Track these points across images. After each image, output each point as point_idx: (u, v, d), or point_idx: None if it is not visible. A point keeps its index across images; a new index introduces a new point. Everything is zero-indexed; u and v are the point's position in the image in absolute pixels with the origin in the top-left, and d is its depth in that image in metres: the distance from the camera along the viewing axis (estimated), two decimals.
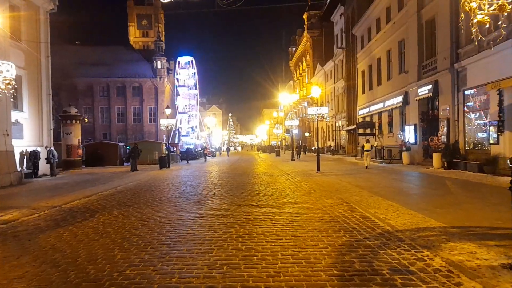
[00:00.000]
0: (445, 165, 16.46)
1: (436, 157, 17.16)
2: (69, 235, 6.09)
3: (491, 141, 14.05)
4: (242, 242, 5.38)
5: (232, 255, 4.75)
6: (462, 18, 5.28)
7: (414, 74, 20.76)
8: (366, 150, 20.74)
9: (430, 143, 17.62)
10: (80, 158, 25.24)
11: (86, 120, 60.38)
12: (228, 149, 62.71)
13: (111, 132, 59.33)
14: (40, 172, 18.71)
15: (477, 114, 15.80)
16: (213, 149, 55.53)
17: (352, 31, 34.68)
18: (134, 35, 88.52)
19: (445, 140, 17.38)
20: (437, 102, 19.20)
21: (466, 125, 16.41)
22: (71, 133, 24.49)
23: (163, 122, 25.82)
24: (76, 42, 61.82)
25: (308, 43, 58.64)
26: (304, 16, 59.35)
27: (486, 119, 14.93)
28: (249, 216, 7.26)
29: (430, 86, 18.73)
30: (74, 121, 24.70)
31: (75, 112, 25.09)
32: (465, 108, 16.44)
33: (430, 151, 19.34)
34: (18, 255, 4.99)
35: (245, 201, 9.33)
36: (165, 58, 62.23)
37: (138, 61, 62.16)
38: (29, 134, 18.85)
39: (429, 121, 20.04)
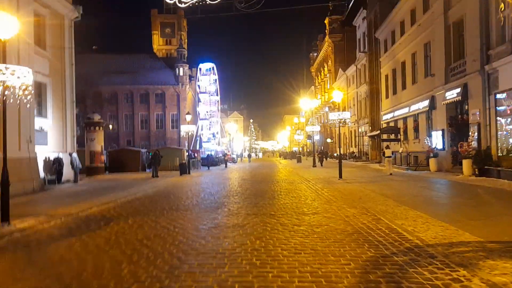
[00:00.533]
0: (476, 172, 15.56)
1: (466, 163, 16.26)
2: (80, 245, 5.90)
3: None
4: (257, 256, 5.02)
5: (246, 271, 4.39)
6: (502, 9, 4.75)
7: (441, 77, 19.91)
8: (387, 157, 20.61)
9: (460, 149, 16.74)
10: (103, 165, 25.55)
11: (111, 127, 61.77)
12: (249, 156, 62.57)
13: (135, 138, 60.30)
14: (64, 179, 18.94)
15: (510, 118, 14.87)
16: (234, 156, 55.48)
17: (375, 34, 33.91)
18: (157, 43, 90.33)
19: (476, 146, 16.47)
20: (466, 106, 18.29)
21: (498, 130, 15.48)
22: (94, 139, 24.85)
23: (184, 128, 25.86)
24: (94, 47, 63.20)
25: (330, 48, 57.97)
26: (326, 21, 58.81)
27: None
28: (266, 227, 6.89)
29: (458, 90, 17.87)
30: (97, 128, 25.07)
31: (99, 119, 25.48)
32: (497, 112, 15.52)
33: (460, 157, 18.39)
34: (24, 267, 4.81)
35: (263, 210, 8.97)
36: (187, 65, 62.95)
37: (161, 69, 63.14)
38: (53, 140, 19.17)
39: (457, 126, 19.11)
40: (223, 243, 5.73)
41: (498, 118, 15.46)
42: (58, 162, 17.97)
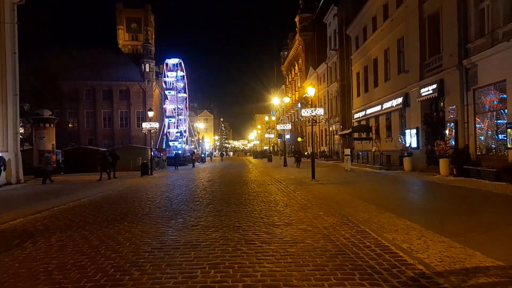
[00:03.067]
0: (455, 172, 14.82)
1: (443, 163, 15.50)
2: None
3: (509, 145, 12.42)
4: None
5: None
6: None
7: (416, 73, 19.18)
8: (346, 155, 22.47)
9: (436, 148, 15.97)
10: (55, 165, 23.08)
11: (70, 124, 58.11)
12: (222, 154, 61.26)
13: (97, 137, 57.05)
14: (3, 181, 16.67)
15: (490, 115, 14.20)
16: (203, 155, 53.59)
17: (346, 31, 33.21)
18: (123, 38, 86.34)
19: (453, 144, 15.75)
20: (442, 103, 17.62)
21: (477, 128, 14.79)
22: (44, 137, 22.43)
23: (146, 126, 23.89)
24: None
25: (301, 46, 57.27)
26: (296, 19, 58.07)
27: (501, 120, 13.34)
28: (228, 246, 5.41)
29: (434, 86, 17.14)
30: (47, 125, 22.65)
31: (49, 115, 23.04)
32: (476, 109, 14.83)
33: (435, 156, 17.73)
34: None
35: (226, 220, 7.49)
36: (154, 62, 60.30)
37: (125, 64, 60.16)
38: None
39: (433, 124, 18.42)
40: (163, 275, 4.19)
41: (476, 115, 14.76)
42: None
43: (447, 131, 16.28)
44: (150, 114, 23.96)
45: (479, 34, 14.26)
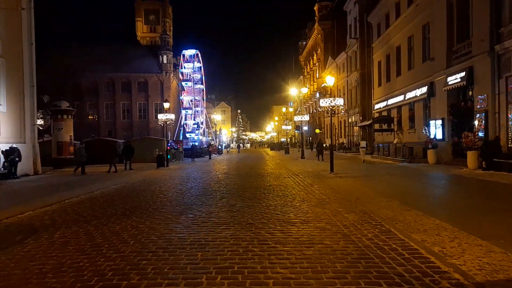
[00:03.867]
0: (484, 165, 13.91)
1: (471, 156, 14.60)
2: None
3: None
4: None
5: None
6: None
7: (442, 61, 18.15)
8: (362, 147, 23.18)
9: (464, 140, 15.06)
10: (72, 156, 23.22)
11: (90, 116, 58.91)
12: (238, 146, 61.17)
13: (116, 129, 57.69)
14: (21, 172, 16.76)
15: None
16: (220, 146, 53.45)
17: (367, 19, 32.01)
18: (141, 30, 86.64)
19: (482, 136, 14.81)
20: (470, 92, 16.61)
21: (510, 119, 13.81)
22: (62, 128, 22.54)
23: (161, 117, 23.69)
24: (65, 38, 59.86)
25: (319, 35, 55.91)
26: (315, 8, 56.60)
27: None
28: (238, 247, 4.96)
29: (463, 74, 16.13)
30: (65, 116, 22.73)
31: (67, 106, 23.10)
32: (508, 98, 13.83)
33: (462, 149, 16.80)
34: None
35: (239, 216, 7.04)
36: (171, 53, 60.25)
37: (144, 57, 60.36)
38: (6, 129, 16.88)
39: (460, 114, 17.44)
40: (165, 281, 3.76)
41: (509, 104, 13.77)
42: (11, 153, 15.72)
43: (476, 122, 15.32)
44: (166, 105, 23.72)
45: None
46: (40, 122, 29.77)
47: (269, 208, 7.79)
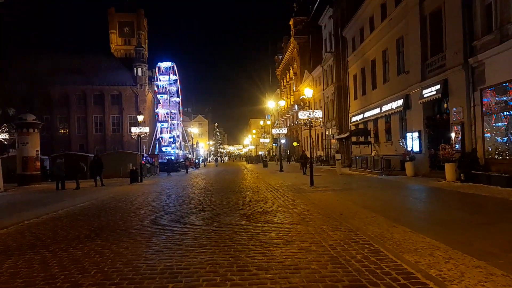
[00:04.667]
0: (462, 177, 13.91)
1: (449, 168, 14.61)
2: None
3: None
4: None
5: None
6: None
7: (417, 74, 18.36)
8: (337, 159, 24.23)
9: (441, 152, 15.08)
10: (39, 172, 21.94)
11: (62, 130, 56.65)
12: (216, 160, 60.38)
13: (88, 142, 55.72)
14: None
15: (499, 116, 13.35)
16: (197, 160, 52.46)
17: (342, 33, 32.48)
18: (115, 42, 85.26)
19: (459, 148, 14.88)
20: (445, 105, 16.79)
21: (485, 130, 13.93)
22: (27, 143, 21.25)
23: (135, 130, 22.81)
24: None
25: (295, 49, 56.55)
26: (291, 22, 57.41)
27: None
28: (215, 275, 4.40)
29: (438, 86, 16.31)
30: (31, 130, 21.47)
31: (33, 120, 21.86)
32: (483, 110, 13.98)
33: (439, 161, 16.87)
34: None
35: (216, 237, 6.48)
36: (146, 66, 59.23)
37: (117, 69, 59.03)
38: None
39: (436, 126, 17.60)
40: None
41: (484, 116, 13.91)
42: None
43: (452, 134, 15.42)
44: (140, 118, 22.90)
45: (487, 31, 13.46)
46: (4, 136, 28.23)
47: (249, 227, 7.26)
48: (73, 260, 5.28)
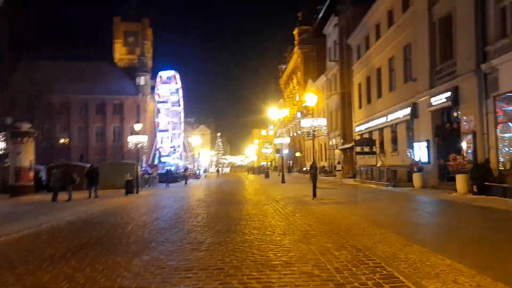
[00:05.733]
0: (475, 190, 13.06)
1: (461, 179, 13.76)
2: None
3: None
4: None
5: None
6: None
7: (425, 81, 17.64)
8: (338, 170, 24.67)
9: (452, 163, 14.27)
10: (32, 183, 21.24)
11: (64, 140, 56.16)
12: (217, 171, 59.77)
13: (89, 152, 55.16)
14: None
15: None
16: (198, 171, 51.72)
17: (347, 41, 31.92)
18: (119, 52, 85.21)
19: (471, 158, 14.06)
20: (456, 113, 16.02)
21: (499, 140, 13.13)
22: (21, 152, 20.60)
23: (132, 139, 22.15)
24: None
25: (299, 59, 56.13)
26: (295, 32, 57.14)
27: None
28: None
29: (448, 94, 15.56)
30: (25, 139, 20.83)
31: (28, 128, 21.24)
32: (497, 119, 13.20)
33: (448, 172, 16.05)
34: None
35: (207, 257, 5.70)
36: (149, 75, 59.00)
37: (120, 78, 58.83)
38: None
39: (445, 136, 16.79)
40: None
41: (498, 125, 13.12)
42: None
43: (463, 144, 14.60)
44: (138, 127, 22.31)
45: (500, 35, 12.76)
46: (1, 145, 27.68)
47: (244, 245, 6.48)
48: (37, 286, 4.52)
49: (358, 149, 28.41)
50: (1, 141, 27.00)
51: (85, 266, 5.39)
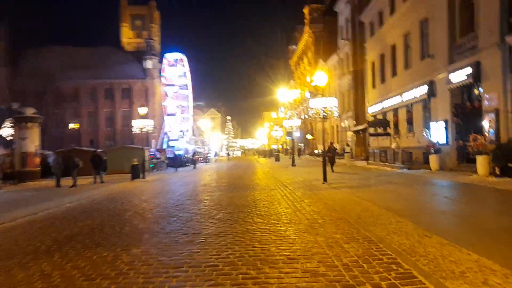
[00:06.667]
0: (497, 172, 12.20)
1: (482, 161, 12.89)
2: None
3: None
4: None
5: None
6: None
7: (444, 57, 16.55)
8: (346, 152, 25.45)
9: (473, 143, 13.36)
10: (38, 168, 21.08)
11: (72, 125, 56.33)
12: (228, 154, 59.58)
13: (99, 137, 55.27)
14: None
15: None
16: (210, 155, 51.42)
17: (360, 18, 30.55)
18: (127, 36, 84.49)
19: (493, 138, 13.13)
20: (476, 91, 14.99)
21: None
22: (26, 138, 20.38)
23: (136, 124, 21.68)
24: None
25: (310, 39, 54.53)
26: (305, 10, 55.34)
27: None
28: None
29: (468, 70, 14.50)
30: (30, 124, 20.58)
31: (32, 113, 20.95)
32: None
33: (468, 153, 15.17)
34: None
35: (200, 252, 5.13)
36: (157, 58, 58.25)
37: (127, 62, 58.25)
38: None
39: (465, 115, 15.81)
40: None
41: None
42: None
43: (485, 123, 13.64)
44: (143, 110, 21.86)
45: None
46: (9, 131, 27.62)
47: (245, 237, 5.89)
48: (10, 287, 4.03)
49: (371, 130, 27.49)
50: (9, 127, 26.90)
51: (67, 261, 4.89)
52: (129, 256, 5.05)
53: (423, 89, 18.68)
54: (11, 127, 26.88)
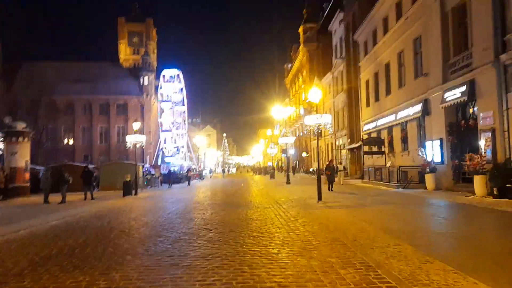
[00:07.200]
0: (495, 192, 11.95)
1: (479, 181, 12.66)
2: None
3: None
4: None
5: None
6: None
7: (438, 75, 16.54)
8: (340, 170, 24.42)
9: (470, 162, 13.16)
10: (28, 184, 20.55)
11: (66, 140, 55.81)
12: (223, 171, 59.25)
13: (93, 153, 54.70)
14: None
15: None
16: (205, 171, 50.90)
17: (354, 37, 30.82)
18: (124, 52, 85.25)
19: (490, 158, 12.94)
20: (471, 109, 14.90)
21: None
22: (16, 153, 19.92)
23: (130, 139, 21.34)
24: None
25: (305, 57, 55.06)
26: (300, 30, 56.04)
27: None
28: None
29: (463, 88, 14.45)
30: (20, 139, 20.16)
31: (23, 128, 20.56)
32: None
33: (464, 172, 15.00)
34: None
35: (184, 277, 4.75)
36: (153, 74, 58.36)
37: (124, 78, 58.28)
38: None
39: (460, 134, 15.68)
40: None
41: None
42: None
43: (481, 142, 13.47)
44: (136, 126, 21.48)
45: None
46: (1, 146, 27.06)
47: (235, 259, 5.52)
48: None
49: (365, 148, 27.30)
50: (1, 141, 26.38)
51: (38, 287, 4.48)
52: (106, 281, 4.65)
53: (418, 108, 18.62)
54: (1, 141, 26.39)
